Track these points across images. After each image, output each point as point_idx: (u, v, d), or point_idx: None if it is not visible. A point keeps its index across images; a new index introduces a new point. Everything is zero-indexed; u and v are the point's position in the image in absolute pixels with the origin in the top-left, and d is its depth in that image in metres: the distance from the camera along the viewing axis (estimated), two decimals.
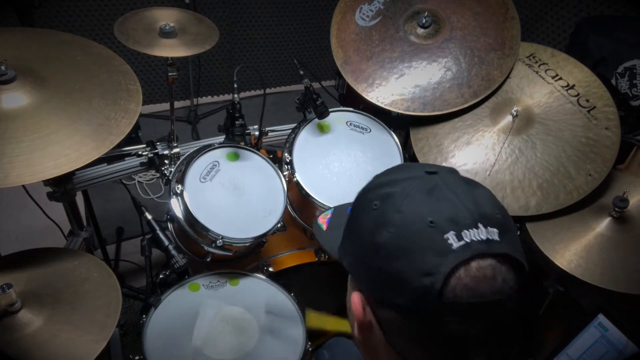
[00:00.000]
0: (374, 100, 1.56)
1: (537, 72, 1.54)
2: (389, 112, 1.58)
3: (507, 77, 1.55)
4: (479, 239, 0.51)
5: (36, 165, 0.98)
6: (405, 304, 0.52)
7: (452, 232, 0.51)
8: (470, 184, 0.58)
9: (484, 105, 1.55)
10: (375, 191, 0.59)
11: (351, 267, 0.61)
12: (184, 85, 3.20)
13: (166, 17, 1.48)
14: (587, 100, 1.45)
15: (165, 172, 1.56)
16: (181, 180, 1.39)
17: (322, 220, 0.74)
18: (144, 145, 1.62)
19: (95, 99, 1.13)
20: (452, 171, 0.61)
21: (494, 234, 0.52)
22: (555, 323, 1.66)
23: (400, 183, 0.58)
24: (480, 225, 0.52)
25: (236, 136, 1.50)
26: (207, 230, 1.34)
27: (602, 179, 1.36)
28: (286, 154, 1.54)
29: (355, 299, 0.59)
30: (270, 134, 1.74)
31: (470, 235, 0.51)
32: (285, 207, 1.46)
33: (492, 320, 0.52)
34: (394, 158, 1.60)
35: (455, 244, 0.51)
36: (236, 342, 1.31)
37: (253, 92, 3.39)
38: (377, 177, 0.63)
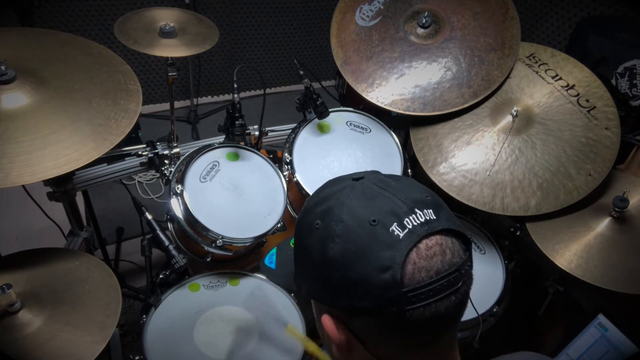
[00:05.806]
0: (374, 100, 1.56)
1: (537, 72, 1.54)
2: (389, 112, 1.57)
3: (507, 77, 1.54)
4: (419, 222, 0.55)
5: (36, 165, 0.98)
6: (373, 304, 0.54)
7: (395, 224, 0.54)
8: (394, 178, 0.62)
9: (484, 105, 1.55)
10: (313, 212, 0.61)
11: (311, 292, 0.62)
12: (184, 85, 3.20)
13: (166, 17, 1.49)
14: (587, 100, 1.45)
15: (165, 172, 1.56)
16: (181, 180, 1.39)
17: (269, 261, 0.75)
18: (144, 145, 1.62)
19: (95, 99, 1.13)
20: (375, 172, 0.64)
21: (430, 214, 0.56)
22: (555, 323, 1.66)
23: (333, 197, 0.60)
24: (416, 210, 0.56)
25: (236, 136, 1.50)
26: (207, 230, 1.34)
27: (602, 179, 1.36)
28: (286, 154, 1.54)
29: (326, 322, 0.60)
30: (270, 134, 1.74)
31: (411, 221, 0.55)
32: (285, 207, 1.46)
33: (454, 290, 0.55)
34: (394, 158, 1.60)
35: (400, 233, 0.54)
36: (236, 342, 1.31)
37: (253, 92, 3.39)
38: (309, 199, 0.65)
